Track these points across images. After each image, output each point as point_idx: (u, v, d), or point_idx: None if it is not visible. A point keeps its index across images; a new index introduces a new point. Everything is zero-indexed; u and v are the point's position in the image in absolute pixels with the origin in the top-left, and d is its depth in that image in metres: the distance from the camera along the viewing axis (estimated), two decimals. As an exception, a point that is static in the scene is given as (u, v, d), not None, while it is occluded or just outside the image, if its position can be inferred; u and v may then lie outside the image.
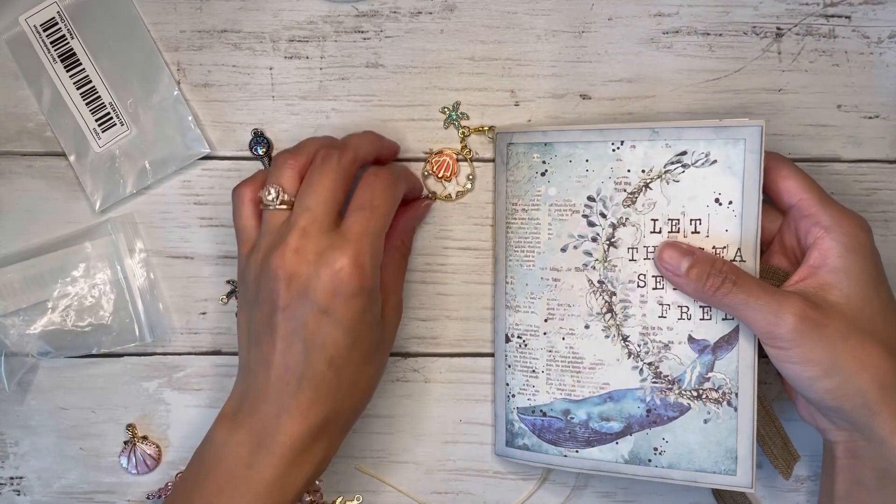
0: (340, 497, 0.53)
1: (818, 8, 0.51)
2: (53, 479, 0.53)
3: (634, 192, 0.47)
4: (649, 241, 0.47)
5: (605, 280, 0.48)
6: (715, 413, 0.46)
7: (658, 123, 0.46)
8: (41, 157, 0.52)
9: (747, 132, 0.45)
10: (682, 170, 0.46)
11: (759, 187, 0.45)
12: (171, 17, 0.51)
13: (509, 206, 0.50)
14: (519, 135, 0.49)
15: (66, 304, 0.51)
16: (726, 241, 0.46)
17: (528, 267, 0.49)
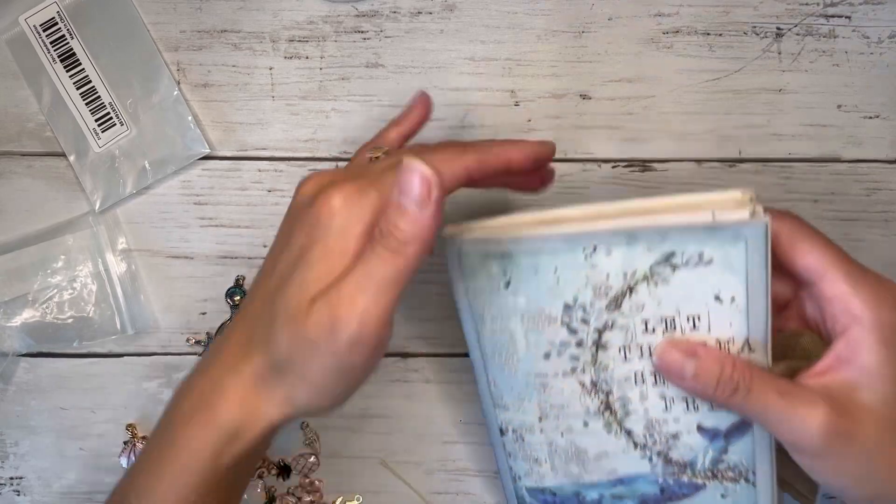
0: (340, 497, 0.53)
1: (818, 8, 0.51)
2: (53, 479, 0.53)
3: (618, 297, 0.40)
4: (642, 340, 0.40)
5: (599, 380, 0.42)
6: (732, 490, 0.43)
7: (634, 221, 0.38)
8: (41, 157, 0.52)
9: (749, 231, 0.37)
10: (671, 270, 0.39)
11: (766, 283, 0.38)
12: (170, 17, 0.51)
13: (475, 314, 0.44)
14: (469, 243, 0.41)
15: (47, 296, 0.51)
16: (732, 334, 0.39)
17: (510, 372, 0.44)
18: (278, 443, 0.53)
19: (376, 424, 0.53)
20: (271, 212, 0.52)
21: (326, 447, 0.53)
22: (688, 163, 0.51)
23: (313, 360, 0.37)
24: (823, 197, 0.51)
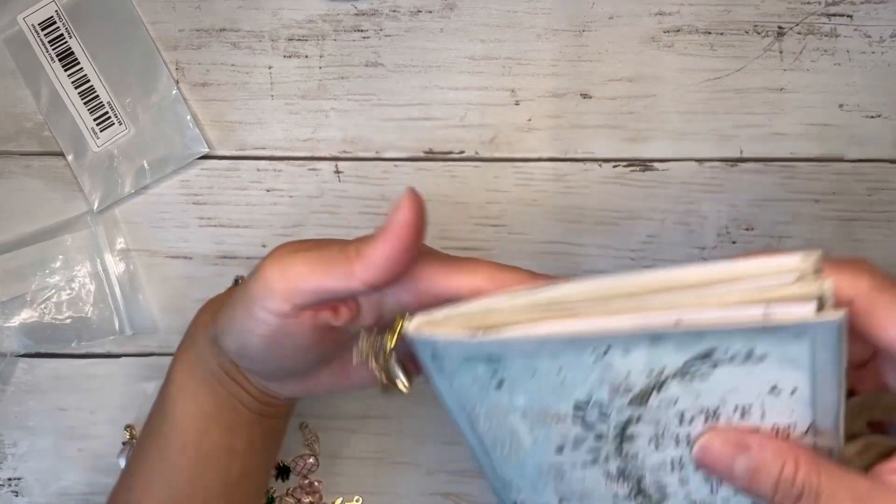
0: (340, 498, 0.53)
1: (820, 7, 0.51)
2: (52, 480, 0.53)
3: (644, 394, 0.32)
4: (678, 430, 0.33)
5: (627, 468, 0.35)
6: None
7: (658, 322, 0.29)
8: (39, 156, 0.52)
9: (815, 330, 0.28)
10: (710, 367, 0.31)
11: (839, 380, 0.30)
12: (169, 16, 0.51)
13: (465, 409, 0.36)
14: (444, 345, 0.33)
15: (46, 296, 0.51)
16: (793, 420, 0.32)
17: (516, 462, 0.37)
18: (277, 443, 0.53)
19: (376, 425, 0.53)
20: (270, 211, 0.52)
21: (326, 448, 0.53)
22: (689, 162, 0.51)
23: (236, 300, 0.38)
24: (825, 197, 0.51)
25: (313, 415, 0.53)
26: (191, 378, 0.42)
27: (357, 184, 0.52)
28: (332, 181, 0.52)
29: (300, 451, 0.53)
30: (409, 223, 0.34)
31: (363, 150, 0.52)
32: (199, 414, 0.41)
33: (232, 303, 0.38)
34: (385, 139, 0.51)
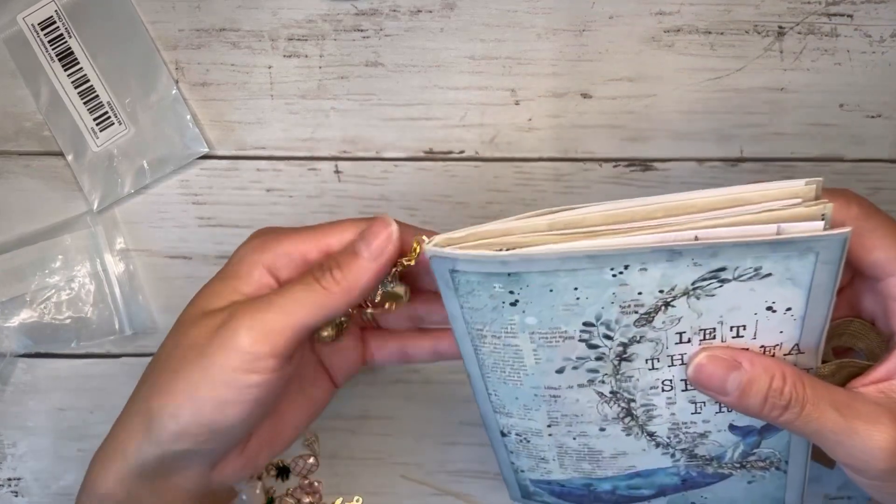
0: (340, 499, 0.53)
1: (820, 7, 0.51)
2: (51, 480, 0.53)
3: (650, 313, 0.35)
4: (674, 350, 0.36)
5: (620, 390, 0.38)
6: (760, 476, 0.40)
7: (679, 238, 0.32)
8: (39, 156, 0.52)
9: (822, 244, 0.31)
10: (718, 285, 0.33)
11: (832, 296, 0.33)
12: (169, 16, 0.51)
13: (472, 330, 0.37)
14: (465, 262, 0.34)
15: (45, 296, 0.51)
16: (779, 340, 0.35)
17: (513, 385, 0.39)
18: (277, 444, 0.53)
19: (376, 425, 0.53)
20: (270, 211, 0.52)
21: (326, 448, 0.53)
22: (689, 162, 0.51)
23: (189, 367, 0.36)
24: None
25: (313, 415, 0.53)
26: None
27: (357, 184, 0.52)
28: (332, 181, 0.52)
29: (300, 451, 0.53)
30: (393, 257, 0.36)
31: (363, 149, 0.52)
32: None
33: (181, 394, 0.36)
34: (385, 139, 0.51)
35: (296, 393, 0.42)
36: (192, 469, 0.39)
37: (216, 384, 0.35)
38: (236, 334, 0.35)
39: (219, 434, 0.37)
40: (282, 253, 0.38)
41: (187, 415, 0.36)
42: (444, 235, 0.35)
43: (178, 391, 0.36)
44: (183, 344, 0.37)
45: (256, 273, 0.38)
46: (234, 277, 0.38)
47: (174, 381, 0.36)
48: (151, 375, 0.39)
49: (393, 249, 0.37)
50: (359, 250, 0.36)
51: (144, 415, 0.37)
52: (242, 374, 0.35)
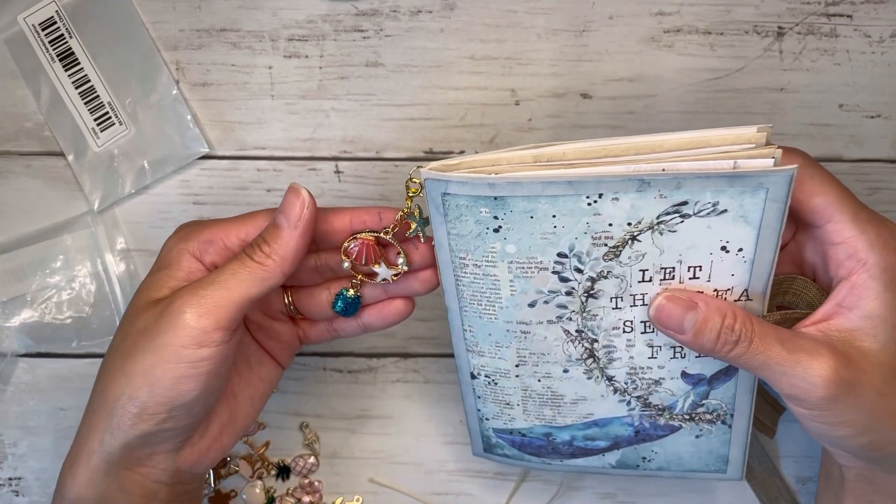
0: (340, 498, 0.53)
1: (820, 7, 0.51)
2: (52, 479, 0.52)
3: (618, 246, 0.38)
4: (637, 289, 0.39)
5: (585, 329, 0.41)
6: (707, 430, 0.44)
7: (649, 169, 0.36)
8: (39, 156, 0.52)
9: (772, 180, 0.35)
10: (680, 220, 0.37)
11: (778, 236, 0.37)
12: (169, 16, 0.51)
13: (455, 258, 0.40)
14: (456, 185, 0.37)
15: (46, 296, 0.51)
16: (731, 285, 0.39)
17: (488, 319, 0.42)
18: (278, 443, 0.53)
19: (376, 425, 0.53)
20: (271, 211, 0.52)
21: (326, 448, 0.53)
22: (689, 162, 0.51)
23: (141, 351, 0.38)
24: (825, 196, 0.51)
25: (313, 415, 0.53)
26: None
27: (357, 184, 0.52)
28: (332, 181, 0.52)
29: (300, 451, 0.53)
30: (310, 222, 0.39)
31: (363, 150, 0.52)
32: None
33: (137, 377, 0.38)
34: (385, 139, 0.52)
35: (245, 372, 0.44)
36: (158, 455, 0.40)
37: (169, 362, 0.37)
38: (182, 313, 0.37)
39: (177, 410, 0.38)
40: (204, 240, 0.41)
41: (144, 395, 0.37)
42: (439, 163, 0.38)
43: (133, 374, 0.38)
44: (132, 332, 0.39)
45: (185, 260, 0.41)
46: (165, 267, 0.41)
47: (128, 366, 0.38)
48: (104, 369, 0.40)
49: (309, 215, 0.39)
50: (279, 223, 0.39)
51: (103, 407, 0.39)
52: (193, 349, 0.37)
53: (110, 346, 0.41)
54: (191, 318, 0.37)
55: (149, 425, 0.38)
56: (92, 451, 0.39)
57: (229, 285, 0.38)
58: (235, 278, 0.38)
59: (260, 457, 0.52)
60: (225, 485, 0.53)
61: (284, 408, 0.53)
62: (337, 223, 0.41)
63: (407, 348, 0.53)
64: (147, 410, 0.38)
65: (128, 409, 0.38)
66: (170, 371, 0.37)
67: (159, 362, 0.37)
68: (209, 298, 0.38)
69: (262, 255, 0.39)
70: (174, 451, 0.40)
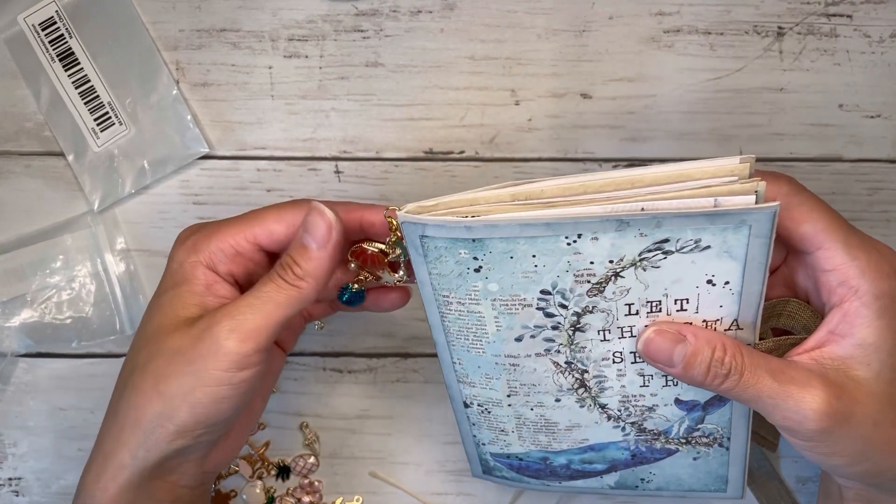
0: (340, 498, 0.53)
1: (820, 7, 0.51)
2: (52, 479, 0.53)
3: (601, 282, 0.37)
4: (624, 322, 0.39)
5: (574, 360, 0.40)
6: (705, 453, 0.43)
7: (627, 209, 0.35)
8: (39, 156, 0.52)
9: (754, 218, 0.34)
10: (662, 256, 0.36)
11: (765, 269, 0.36)
12: (169, 17, 0.51)
13: (438, 297, 0.40)
14: (433, 228, 0.37)
15: (46, 296, 0.51)
16: (720, 315, 0.38)
17: (476, 353, 0.41)
18: (278, 443, 0.53)
19: (376, 425, 0.53)
20: (271, 211, 0.52)
21: (326, 448, 0.53)
22: (689, 162, 0.51)
23: (179, 373, 0.38)
24: (825, 197, 0.51)
25: (313, 415, 0.53)
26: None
27: (357, 184, 0.52)
28: (332, 181, 0.52)
29: (300, 451, 0.53)
30: (339, 241, 0.40)
31: (363, 150, 0.52)
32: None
33: (176, 398, 0.38)
34: (385, 139, 0.52)
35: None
36: (188, 464, 0.41)
37: (210, 385, 0.38)
38: (223, 339, 0.38)
39: (216, 426, 0.39)
40: (215, 249, 0.41)
41: (184, 415, 0.38)
42: (415, 204, 0.38)
43: (171, 395, 0.38)
44: (163, 351, 0.39)
45: (200, 273, 0.41)
46: (183, 282, 0.41)
47: (162, 385, 0.38)
48: (132, 385, 0.40)
49: (337, 235, 0.39)
50: (307, 244, 0.39)
51: (136, 424, 0.39)
52: (234, 372, 0.38)
53: (133, 361, 0.41)
54: (233, 345, 0.37)
55: (186, 441, 0.39)
56: (123, 465, 0.39)
57: (267, 310, 0.38)
58: (273, 302, 0.39)
59: (260, 457, 0.52)
60: (225, 485, 0.53)
61: (284, 408, 0.53)
62: (347, 222, 0.42)
63: (407, 348, 0.53)
64: (186, 429, 0.39)
65: (166, 428, 0.38)
66: (211, 393, 0.38)
67: (199, 385, 0.38)
68: (250, 324, 0.38)
69: (294, 277, 0.39)
70: (204, 458, 0.41)
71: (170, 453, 0.39)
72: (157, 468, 0.39)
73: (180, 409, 0.38)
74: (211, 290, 0.41)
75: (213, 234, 0.41)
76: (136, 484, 0.39)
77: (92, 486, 0.40)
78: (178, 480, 0.41)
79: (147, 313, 0.41)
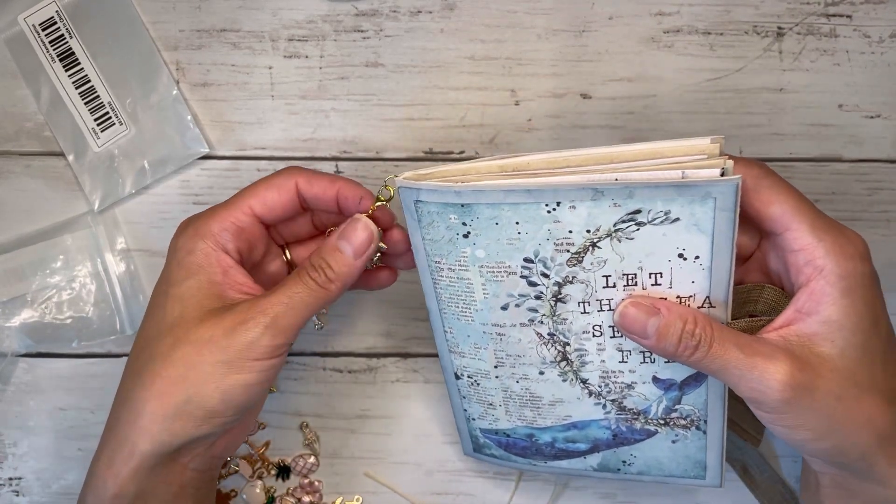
0: (340, 498, 0.53)
1: (819, 7, 0.51)
2: (52, 479, 0.53)
3: (580, 252, 0.40)
4: (602, 294, 0.40)
5: (557, 332, 0.42)
6: (683, 436, 0.44)
7: (602, 178, 0.37)
8: (40, 156, 0.52)
9: (718, 190, 0.36)
10: (636, 227, 0.38)
11: (732, 243, 0.38)
12: (170, 17, 0.51)
13: (431, 262, 0.43)
14: (427, 192, 0.40)
15: (46, 296, 0.51)
16: (693, 291, 0.39)
17: (466, 321, 0.44)
18: (278, 443, 0.53)
19: (376, 425, 0.53)
20: (271, 211, 0.52)
21: (326, 448, 0.53)
22: (688, 162, 0.51)
23: (210, 361, 0.40)
24: (824, 197, 0.51)
25: (313, 415, 0.53)
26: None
27: (357, 184, 0.52)
28: (332, 181, 0.52)
29: (300, 451, 0.53)
30: (374, 252, 0.42)
31: (363, 150, 0.52)
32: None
33: (208, 384, 0.40)
34: (385, 139, 0.52)
35: None
36: (199, 448, 0.42)
37: (242, 373, 0.40)
38: (257, 335, 0.40)
39: (242, 411, 0.41)
40: (218, 230, 0.42)
41: (216, 402, 0.40)
42: (412, 172, 0.40)
43: (202, 382, 0.40)
44: (194, 341, 0.40)
45: (213, 259, 0.42)
46: (199, 271, 0.42)
47: (195, 374, 0.40)
48: (157, 371, 0.40)
49: (374, 248, 0.42)
50: (343, 249, 0.42)
51: (162, 409, 0.40)
52: (265, 360, 0.40)
53: (152, 350, 0.41)
54: (266, 339, 0.40)
55: (212, 426, 0.40)
56: (138, 451, 0.40)
57: (298, 308, 0.40)
58: (303, 302, 0.41)
59: (260, 457, 0.52)
60: (225, 485, 0.53)
61: (284, 408, 0.53)
62: (327, 191, 0.44)
63: (407, 348, 0.53)
64: (216, 414, 0.40)
65: (195, 415, 0.40)
66: (242, 381, 0.40)
67: (231, 373, 0.40)
68: (282, 321, 0.40)
69: (326, 280, 0.41)
70: (213, 443, 0.43)
71: (193, 438, 0.40)
72: (175, 452, 0.41)
73: (213, 395, 0.39)
74: (228, 277, 0.42)
75: (213, 217, 0.43)
76: (149, 467, 0.40)
77: (104, 473, 0.41)
78: (188, 463, 0.42)
79: (162, 304, 0.42)
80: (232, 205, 0.43)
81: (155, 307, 0.42)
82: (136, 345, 0.42)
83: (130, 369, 0.42)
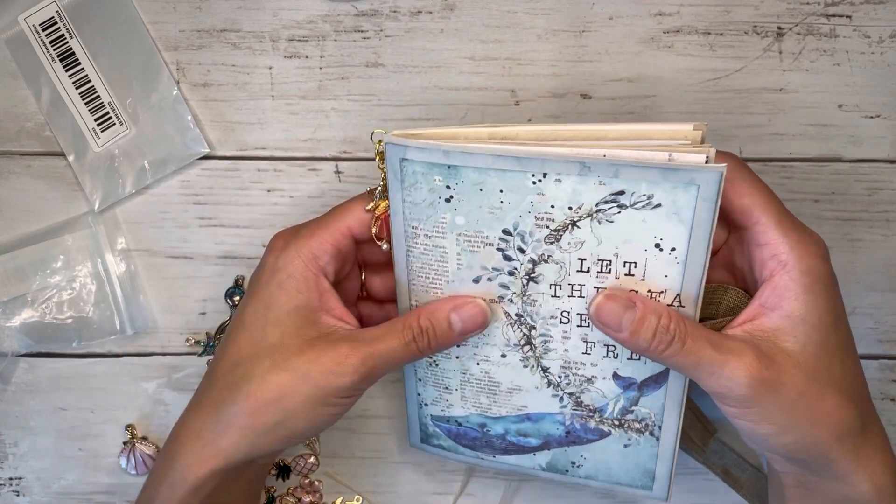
0: (340, 498, 0.53)
1: (819, 7, 0.51)
2: (52, 479, 0.53)
3: (559, 230, 0.40)
4: (575, 279, 0.41)
5: (524, 314, 0.42)
6: (636, 440, 0.44)
7: (591, 153, 0.38)
8: (40, 156, 0.52)
9: (703, 177, 0.37)
10: (617, 210, 0.39)
11: (709, 237, 0.38)
12: (170, 17, 0.51)
13: (408, 228, 0.42)
14: (415, 150, 0.40)
15: (46, 296, 0.51)
16: (664, 287, 0.40)
17: (434, 294, 0.43)
18: (278, 443, 0.53)
19: (376, 425, 0.53)
20: (271, 211, 0.52)
21: (326, 448, 0.53)
22: (688, 162, 0.51)
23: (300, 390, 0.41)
24: (824, 197, 0.51)
25: (314, 414, 0.53)
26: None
27: (357, 184, 0.52)
28: (332, 181, 0.52)
29: (300, 450, 0.53)
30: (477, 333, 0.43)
31: (363, 150, 0.52)
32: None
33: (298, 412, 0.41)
34: (385, 139, 0.52)
35: None
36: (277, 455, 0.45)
37: (331, 406, 0.42)
38: (349, 377, 0.41)
39: (322, 431, 0.45)
40: (319, 251, 0.43)
41: (303, 427, 0.42)
42: (400, 131, 0.40)
43: (295, 411, 0.41)
44: (292, 370, 0.41)
45: (314, 281, 0.43)
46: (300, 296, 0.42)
47: (290, 402, 0.41)
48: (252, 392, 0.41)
49: (479, 332, 0.43)
50: (454, 325, 0.42)
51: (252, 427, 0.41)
52: (351, 397, 0.42)
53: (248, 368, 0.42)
54: (359, 385, 0.42)
55: (296, 443, 0.43)
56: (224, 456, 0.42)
57: (393, 362, 0.42)
58: (399, 358, 0.42)
59: (260, 456, 0.52)
60: (225, 484, 0.53)
61: (285, 408, 0.53)
62: (339, 232, 0.44)
63: (407, 348, 0.53)
64: (302, 437, 0.43)
65: (283, 435, 0.42)
66: (329, 412, 0.42)
67: (321, 406, 0.41)
68: (376, 371, 0.42)
69: (426, 346, 0.42)
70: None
71: (276, 451, 0.43)
72: (254, 458, 0.42)
73: (301, 423, 0.41)
74: (324, 302, 0.43)
75: (313, 237, 0.43)
76: (231, 468, 0.42)
77: (184, 465, 0.42)
78: (259, 461, 0.44)
79: (261, 327, 0.42)
80: (331, 225, 0.44)
81: (252, 327, 0.43)
82: (229, 357, 0.43)
83: (223, 381, 0.42)
